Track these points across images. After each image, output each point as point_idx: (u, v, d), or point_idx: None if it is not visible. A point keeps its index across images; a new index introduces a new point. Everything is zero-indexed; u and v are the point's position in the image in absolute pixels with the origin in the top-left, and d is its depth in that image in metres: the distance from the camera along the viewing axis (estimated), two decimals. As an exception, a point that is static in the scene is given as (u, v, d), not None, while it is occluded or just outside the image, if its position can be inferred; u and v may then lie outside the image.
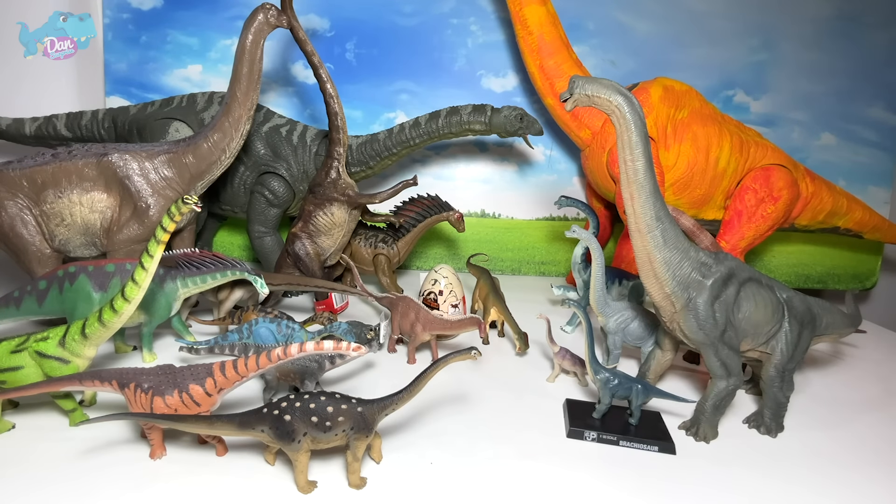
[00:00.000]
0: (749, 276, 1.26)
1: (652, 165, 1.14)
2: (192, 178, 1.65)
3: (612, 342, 1.49)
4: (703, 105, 2.07)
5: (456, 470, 1.07)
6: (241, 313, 1.55)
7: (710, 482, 1.08)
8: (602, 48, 2.36)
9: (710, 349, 1.21)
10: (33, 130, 2.08)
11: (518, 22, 2.08)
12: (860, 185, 2.47)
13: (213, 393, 1.02)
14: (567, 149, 2.44)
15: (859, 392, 1.54)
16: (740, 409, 1.36)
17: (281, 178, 1.98)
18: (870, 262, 2.56)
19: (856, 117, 2.47)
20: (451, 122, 1.96)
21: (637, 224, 1.17)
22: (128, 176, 1.59)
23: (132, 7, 2.19)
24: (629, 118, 1.11)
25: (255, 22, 1.61)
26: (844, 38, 2.41)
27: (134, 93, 2.24)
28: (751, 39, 2.39)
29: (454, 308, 1.81)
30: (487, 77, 2.37)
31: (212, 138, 1.64)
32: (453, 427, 1.21)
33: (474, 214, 2.45)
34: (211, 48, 2.24)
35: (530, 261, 2.51)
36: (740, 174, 2.05)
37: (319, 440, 0.96)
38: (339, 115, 1.77)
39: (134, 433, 1.11)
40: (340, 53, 2.30)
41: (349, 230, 1.87)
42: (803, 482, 1.10)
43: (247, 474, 1.01)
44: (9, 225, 1.55)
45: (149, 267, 1.10)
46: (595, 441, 1.19)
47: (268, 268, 2.01)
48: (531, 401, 1.35)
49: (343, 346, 1.02)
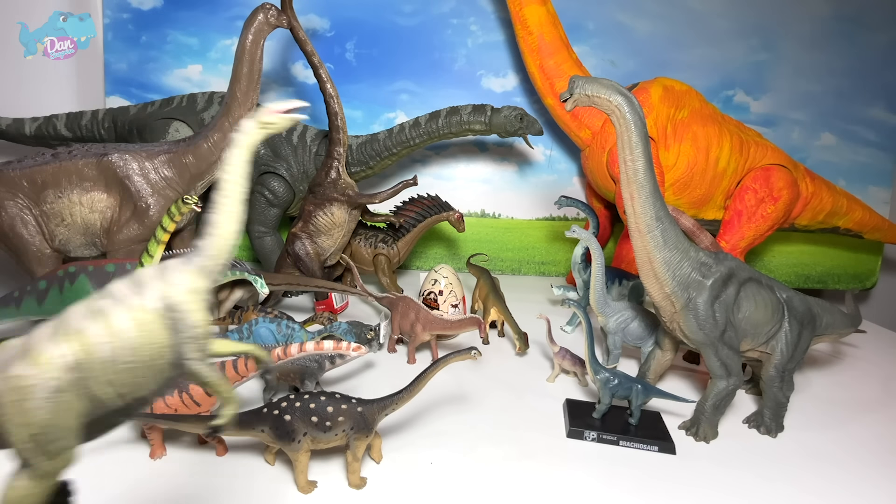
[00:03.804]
0: (749, 276, 1.26)
1: (652, 165, 1.14)
2: (192, 178, 1.66)
3: (612, 342, 1.49)
4: (703, 105, 2.07)
5: (456, 470, 1.07)
6: (241, 313, 1.55)
7: (709, 482, 1.08)
8: (602, 48, 2.36)
9: (710, 349, 1.21)
10: (33, 130, 2.08)
11: (518, 22, 2.08)
12: (860, 185, 2.47)
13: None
14: (567, 149, 2.44)
15: (859, 392, 1.54)
16: (740, 409, 1.36)
17: (281, 178, 1.98)
18: (870, 262, 2.56)
19: (856, 117, 2.47)
20: (451, 122, 1.96)
21: (637, 224, 1.17)
22: (128, 176, 1.59)
23: (132, 7, 2.19)
24: (629, 118, 1.11)
25: (255, 22, 1.61)
26: (844, 38, 2.41)
27: (134, 93, 2.24)
28: (751, 39, 2.39)
29: (454, 308, 1.81)
30: (487, 77, 2.37)
31: (212, 138, 1.64)
32: (453, 427, 1.21)
33: (474, 214, 2.45)
34: (211, 48, 2.24)
35: (530, 261, 2.51)
36: (740, 174, 2.05)
37: (319, 440, 0.96)
38: (339, 115, 1.77)
39: (134, 433, 1.11)
40: (340, 53, 2.29)
41: (349, 230, 1.87)
42: (803, 482, 1.10)
43: (247, 474, 1.02)
44: (9, 225, 1.55)
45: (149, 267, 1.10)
46: (595, 441, 1.19)
47: (268, 268, 2.01)
48: (531, 401, 1.35)
49: (343, 346, 1.03)
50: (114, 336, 0.40)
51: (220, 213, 0.51)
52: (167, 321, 0.43)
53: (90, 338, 0.40)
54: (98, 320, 0.40)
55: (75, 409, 0.40)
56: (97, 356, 0.40)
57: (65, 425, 0.39)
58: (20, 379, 0.38)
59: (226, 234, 0.51)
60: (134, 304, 0.42)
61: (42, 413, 0.38)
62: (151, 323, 0.42)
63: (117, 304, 0.42)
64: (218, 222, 0.50)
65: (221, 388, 0.51)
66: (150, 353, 0.42)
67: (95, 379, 0.40)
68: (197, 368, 0.46)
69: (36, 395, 0.37)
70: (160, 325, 0.43)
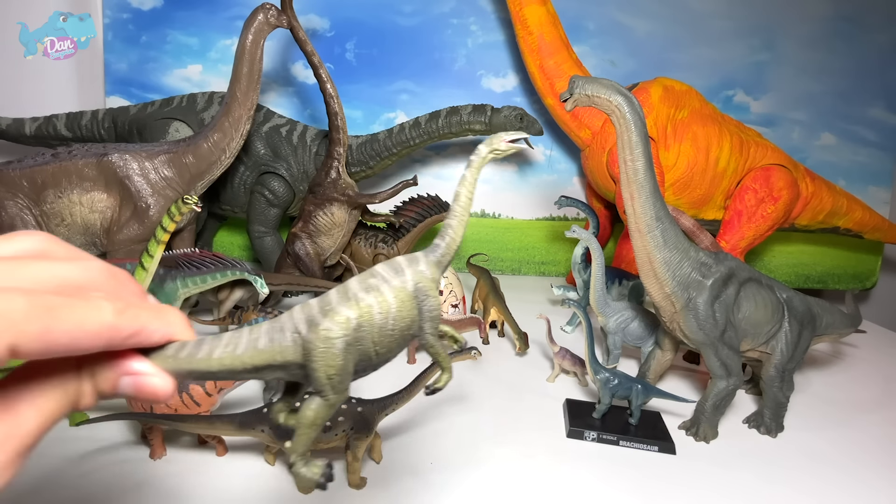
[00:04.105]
0: (749, 276, 1.26)
1: (652, 165, 1.14)
2: (192, 178, 1.65)
3: (612, 342, 1.49)
4: (703, 105, 2.07)
5: (456, 470, 1.07)
6: (241, 313, 1.55)
7: (709, 482, 1.08)
8: (602, 48, 2.36)
9: (710, 349, 1.21)
10: (33, 130, 2.08)
11: (518, 22, 2.08)
12: (860, 185, 2.47)
13: (214, 393, 1.02)
14: (567, 149, 2.44)
15: (859, 392, 1.54)
16: (740, 409, 1.36)
17: (281, 178, 1.98)
18: (870, 262, 2.56)
19: (856, 117, 2.47)
20: (451, 122, 1.96)
21: (637, 224, 1.17)
22: (128, 176, 1.59)
23: (132, 7, 2.19)
24: (629, 118, 1.11)
25: (255, 22, 1.61)
26: (844, 38, 2.41)
27: (134, 93, 2.24)
28: (751, 39, 2.40)
29: (454, 308, 1.81)
30: (487, 77, 2.37)
31: (212, 138, 1.64)
32: (453, 427, 1.21)
33: (474, 214, 2.45)
34: (211, 48, 2.24)
35: (530, 261, 2.51)
36: (740, 174, 2.05)
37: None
38: (339, 115, 1.77)
39: (134, 433, 1.11)
40: (340, 53, 2.30)
41: (349, 230, 1.87)
42: (803, 482, 1.10)
43: (247, 474, 1.01)
44: (9, 225, 1.54)
45: (149, 267, 1.10)
46: (595, 441, 1.19)
47: (268, 268, 2.01)
48: (531, 401, 1.35)
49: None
50: (383, 308, 0.54)
51: (456, 220, 0.62)
52: (416, 301, 0.56)
53: (367, 307, 0.53)
54: (371, 294, 0.54)
55: (355, 358, 0.53)
56: (372, 321, 0.53)
57: (348, 370, 0.53)
58: (329, 332, 0.51)
59: (458, 238, 0.62)
60: (396, 285, 0.55)
61: (339, 360, 0.51)
62: (408, 300, 0.55)
63: (383, 283, 0.55)
64: (454, 227, 0.62)
65: (443, 358, 0.63)
66: (404, 324, 0.55)
67: (368, 339, 0.53)
68: (431, 342, 0.59)
69: (337, 346, 0.51)
70: (413, 304, 0.56)
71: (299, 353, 0.51)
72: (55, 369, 0.41)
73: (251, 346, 0.50)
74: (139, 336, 0.41)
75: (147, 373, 0.43)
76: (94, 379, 0.42)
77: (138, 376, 0.42)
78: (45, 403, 0.39)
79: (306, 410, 0.53)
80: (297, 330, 0.51)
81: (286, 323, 0.52)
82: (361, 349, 0.53)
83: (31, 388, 0.39)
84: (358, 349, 0.53)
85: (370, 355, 0.54)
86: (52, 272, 0.39)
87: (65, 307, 0.36)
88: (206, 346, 0.47)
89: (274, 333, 0.51)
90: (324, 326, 0.51)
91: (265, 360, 0.50)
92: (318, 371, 0.51)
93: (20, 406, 0.38)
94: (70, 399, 0.41)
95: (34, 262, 0.39)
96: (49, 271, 0.39)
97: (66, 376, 0.41)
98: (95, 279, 0.41)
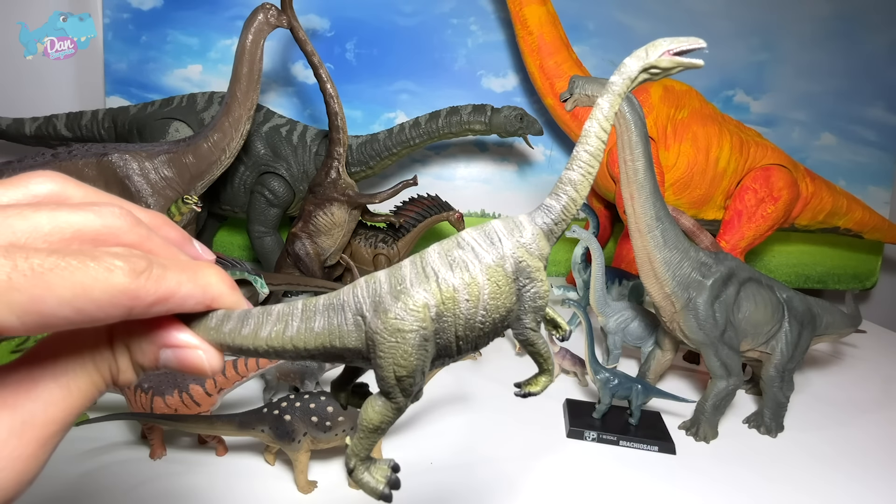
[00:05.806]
0: (749, 276, 1.26)
1: (652, 165, 1.14)
2: (192, 177, 1.65)
3: (612, 342, 1.49)
4: (703, 105, 2.07)
5: (456, 470, 1.07)
6: (241, 313, 1.55)
7: (709, 482, 1.08)
8: (602, 48, 2.36)
9: (710, 349, 1.21)
10: (33, 130, 2.08)
11: (518, 22, 2.08)
12: (860, 185, 2.47)
13: (213, 393, 1.02)
14: (567, 149, 2.44)
15: (859, 392, 1.54)
16: (740, 409, 1.36)
17: (281, 178, 1.98)
18: (870, 262, 2.56)
19: (856, 117, 2.47)
20: (451, 122, 1.96)
21: (637, 224, 1.17)
22: (128, 176, 1.59)
23: (132, 7, 2.19)
24: (629, 118, 1.11)
25: (255, 22, 1.61)
26: (844, 38, 2.41)
27: (134, 93, 2.24)
28: (751, 39, 2.39)
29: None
30: (487, 77, 2.37)
31: (212, 138, 1.64)
32: (453, 427, 1.21)
33: (474, 214, 2.45)
34: (211, 48, 2.24)
35: (530, 261, 2.51)
36: (740, 174, 2.05)
37: (319, 440, 0.96)
38: (339, 115, 1.77)
39: (134, 433, 1.11)
40: (340, 53, 2.29)
41: (349, 230, 1.87)
42: (803, 482, 1.10)
43: (247, 474, 1.01)
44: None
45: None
46: (595, 441, 1.19)
47: (268, 268, 2.01)
48: (531, 401, 1.35)
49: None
50: (471, 293, 0.40)
51: (579, 172, 0.46)
52: (515, 286, 0.42)
53: (450, 291, 0.40)
54: (457, 272, 0.41)
55: (431, 355, 0.41)
56: (456, 310, 0.40)
57: (423, 369, 0.41)
58: (400, 322, 0.39)
59: (579, 199, 0.46)
60: (489, 263, 0.42)
61: (412, 359, 0.39)
62: (504, 285, 0.42)
63: (473, 259, 0.41)
64: (576, 182, 0.45)
65: (545, 359, 0.50)
66: (497, 316, 0.42)
67: (451, 331, 0.41)
68: (533, 337, 0.45)
69: (410, 341, 0.39)
70: (511, 289, 0.42)
71: (363, 341, 0.41)
72: (83, 343, 0.34)
73: (304, 327, 0.41)
74: (168, 303, 0.34)
75: (191, 345, 0.37)
76: (131, 351, 0.36)
77: (181, 349, 0.36)
78: (74, 382, 0.34)
79: (370, 411, 0.44)
80: (360, 311, 0.41)
81: (347, 299, 0.42)
82: (441, 343, 0.42)
83: (56, 366, 0.33)
84: (437, 344, 0.42)
85: (451, 351, 0.43)
86: (58, 222, 0.31)
87: (62, 270, 0.28)
88: (253, 322, 0.40)
89: (332, 313, 0.42)
90: (394, 314, 0.40)
91: (319, 344, 0.41)
92: (386, 369, 0.40)
93: (40, 388, 0.32)
94: (103, 376, 0.35)
95: (38, 210, 0.31)
96: (55, 221, 0.31)
97: (98, 350, 0.35)
98: (116, 229, 0.33)
